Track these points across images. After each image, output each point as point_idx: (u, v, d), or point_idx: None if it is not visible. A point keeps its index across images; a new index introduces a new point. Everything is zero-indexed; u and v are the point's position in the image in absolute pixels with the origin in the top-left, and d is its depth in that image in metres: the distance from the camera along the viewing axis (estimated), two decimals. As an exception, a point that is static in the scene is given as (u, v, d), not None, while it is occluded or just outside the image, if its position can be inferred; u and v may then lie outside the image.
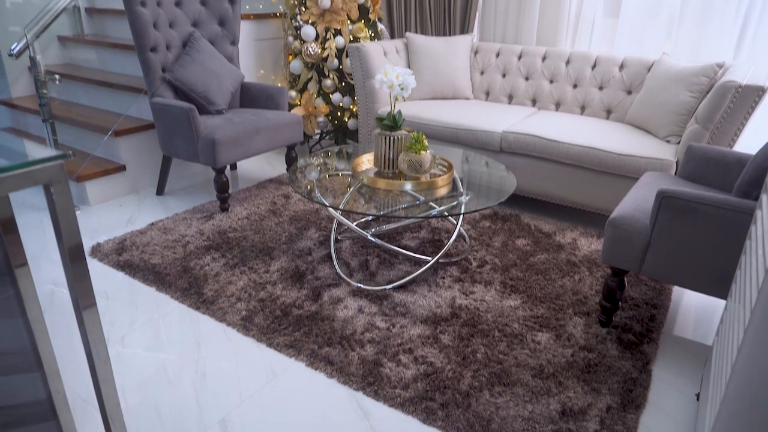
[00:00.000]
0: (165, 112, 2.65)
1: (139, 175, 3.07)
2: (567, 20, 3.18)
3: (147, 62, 2.70)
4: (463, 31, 3.45)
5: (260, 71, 3.64)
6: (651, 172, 2.18)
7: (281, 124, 2.84)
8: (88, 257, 2.32)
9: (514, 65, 3.20)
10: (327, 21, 3.22)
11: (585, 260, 2.30)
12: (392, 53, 3.23)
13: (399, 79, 1.91)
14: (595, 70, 2.99)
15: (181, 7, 2.89)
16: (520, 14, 3.27)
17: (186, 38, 2.89)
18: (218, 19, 2.99)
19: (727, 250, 1.55)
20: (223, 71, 2.89)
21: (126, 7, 2.61)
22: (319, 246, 2.39)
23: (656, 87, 2.66)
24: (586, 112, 3.02)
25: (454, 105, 3.10)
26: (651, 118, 2.65)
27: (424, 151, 1.99)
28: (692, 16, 2.86)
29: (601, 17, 3.14)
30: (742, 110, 2.17)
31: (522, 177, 2.72)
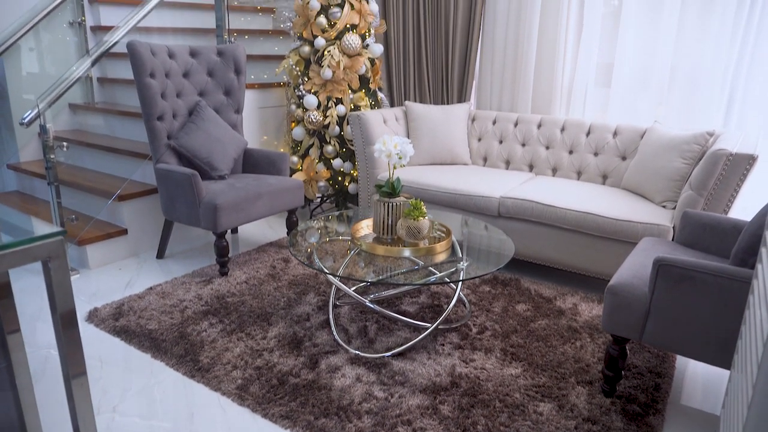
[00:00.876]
0: (168, 178, 2.70)
1: (141, 238, 3.09)
2: (561, 89, 3.29)
3: (153, 130, 2.78)
4: (460, 100, 3.57)
5: (263, 137, 3.74)
6: (648, 238, 2.19)
7: (282, 189, 2.89)
8: (85, 322, 2.29)
9: (511, 132, 3.29)
10: (329, 90, 3.34)
11: (586, 326, 2.28)
12: (392, 121, 3.32)
13: (397, 148, 1.96)
14: (589, 137, 3.06)
15: (188, 78, 3.01)
16: (515, 83, 3.39)
17: (192, 107, 2.99)
18: (224, 89, 3.10)
19: (728, 319, 1.54)
20: (226, 138, 2.97)
21: (136, 78, 2.71)
22: (317, 311, 2.37)
23: (650, 154, 2.72)
24: (582, 177, 3.07)
25: (452, 170, 3.16)
26: (646, 183, 2.69)
27: (422, 218, 2.01)
28: (681, 86, 2.96)
29: (593, 86, 3.25)
30: (735, 177, 2.21)
31: (521, 241, 2.73)
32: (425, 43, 3.56)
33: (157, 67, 2.80)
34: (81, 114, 4.01)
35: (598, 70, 3.21)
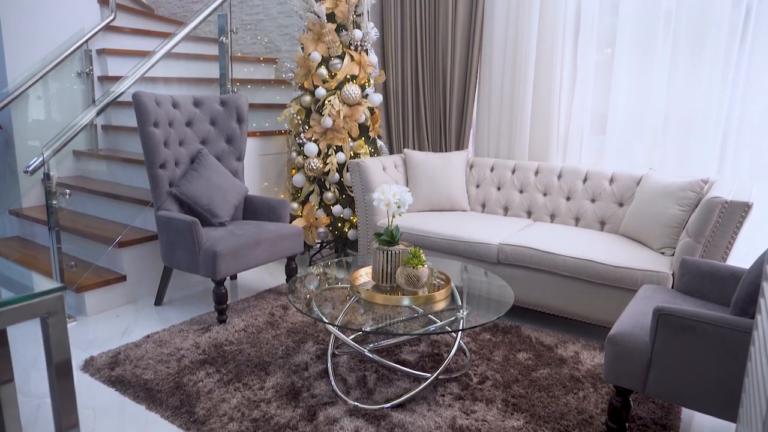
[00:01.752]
0: (169, 225, 2.72)
1: (139, 285, 3.08)
2: (557, 137, 3.36)
3: (155, 178, 2.81)
4: (458, 147, 3.63)
5: (264, 183, 3.78)
6: (648, 285, 2.19)
7: (282, 236, 2.90)
8: (80, 372, 2.26)
9: (509, 179, 3.33)
10: (329, 138, 3.40)
11: (589, 375, 2.24)
12: (391, 168, 3.37)
13: (396, 197, 1.99)
14: (586, 184, 3.10)
15: (191, 127, 3.07)
16: (512, 131, 3.45)
17: (194, 155, 3.04)
18: (226, 137, 3.16)
19: (731, 370, 1.52)
20: (227, 185, 3.00)
21: (140, 128, 2.77)
22: (316, 360, 2.34)
23: (646, 200, 2.75)
24: (580, 223, 3.09)
25: (451, 217, 3.18)
26: (644, 230, 2.71)
27: (421, 266, 2.01)
28: (674, 133, 3.02)
29: (588, 134, 3.31)
30: (731, 225, 2.22)
31: (520, 288, 2.72)
32: (423, 92, 3.65)
33: (161, 117, 2.86)
34: (84, 160, 4.06)
35: (593, 118, 3.28)
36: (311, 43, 3.35)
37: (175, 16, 5.31)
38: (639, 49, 3.05)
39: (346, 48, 3.39)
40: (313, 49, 3.35)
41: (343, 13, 3.30)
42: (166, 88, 4.08)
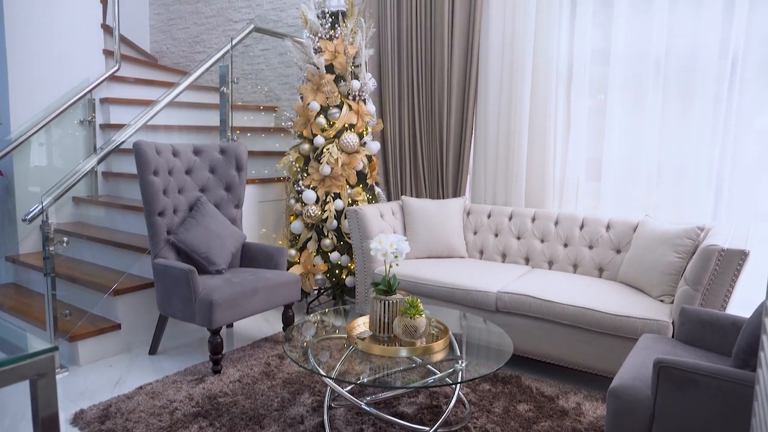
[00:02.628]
0: (166, 273, 2.71)
1: (134, 333, 3.04)
2: (553, 183, 3.39)
3: (153, 226, 2.82)
4: (455, 194, 3.66)
5: (262, 230, 3.79)
6: (648, 335, 2.17)
7: (279, 284, 2.89)
8: (69, 425, 2.20)
9: (506, 225, 3.34)
10: (327, 186, 3.43)
11: (591, 428, 2.19)
12: (388, 215, 3.39)
13: (393, 246, 1.99)
14: (583, 231, 3.11)
15: (191, 175, 3.10)
16: (509, 178, 3.49)
17: (193, 202, 3.05)
18: (225, 185, 3.19)
19: (736, 425, 1.49)
20: (225, 233, 3.01)
21: (140, 176, 2.80)
22: (312, 413, 2.29)
23: (643, 247, 2.75)
24: (578, 270, 3.08)
25: (449, 264, 3.17)
26: (642, 277, 2.70)
27: (419, 316, 2.00)
28: (669, 179, 3.05)
29: (584, 180, 3.35)
30: (729, 273, 2.22)
31: (520, 337, 2.69)
32: (420, 140, 3.70)
33: (161, 165, 2.89)
34: (83, 206, 4.08)
35: (588, 165, 3.32)
36: (310, 93, 3.43)
37: (178, 65, 5.45)
38: (630, 96, 3.12)
39: (344, 98, 3.46)
40: (312, 98, 3.42)
41: (341, 64, 3.39)
42: (167, 136, 4.14)
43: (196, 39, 5.28)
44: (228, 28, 5.01)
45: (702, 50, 2.89)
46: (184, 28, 5.36)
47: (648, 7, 3.05)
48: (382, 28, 3.76)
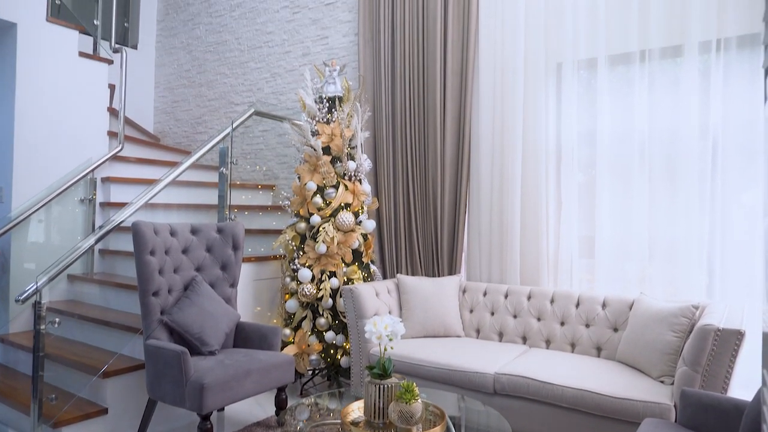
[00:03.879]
0: (157, 355, 2.66)
1: (121, 418, 2.94)
2: (547, 261, 3.42)
3: (147, 306, 2.80)
4: (451, 271, 3.67)
5: (257, 308, 3.76)
6: (651, 419, 2.11)
7: (273, 366, 2.83)
8: None
9: (502, 304, 3.33)
10: (323, 264, 3.45)
11: None
12: (384, 294, 3.38)
13: (387, 329, 1.98)
14: (579, 309, 3.10)
15: (187, 254, 3.12)
16: (503, 255, 3.52)
17: (188, 281, 3.05)
18: (221, 264, 3.20)
19: None
20: (219, 313, 2.99)
21: (136, 256, 2.81)
22: (303, 506, 2.18)
23: (640, 326, 2.74)
24: (576, 349, 3.05)
25: (445, 344, 3.13)
26: (641, 357, 2.67)
27: (415, 401, 1.95)
28: (661, 256, 3.09)
29: (577, 257, 3.38)
30: (726, 353, 2.20)
31: (519, 421, 2.62)
32: (415, 218, 3.77)
33: (158, 245, 2.92)
34: (78, 284, 4.06)
35: (581, 242, 3.37)
36: (307, 174, 3.52)
37: (179, 145, 5.61)
38: (618, 176, 3.22)
39: (340, 178, 3.55)
40: (309, 179, 3.51)
41: (338, 146, 3.51)
42: (166, 214, 4.20)
43: (198, 120, 5.47)
44: (229, 110, 5.21)
45: (683, 132, 3.02)
46: (187, 110, 5.57)
47: (629, 90, 3.21)
48: (377, 112, 3.93)
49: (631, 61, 3.22)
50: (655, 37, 3.09)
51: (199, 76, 5.46)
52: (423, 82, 3.75)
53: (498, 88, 3.54)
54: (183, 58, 5.62)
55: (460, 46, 3.65)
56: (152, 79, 5.90)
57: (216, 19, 5.33)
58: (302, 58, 4.64)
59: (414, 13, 3.79)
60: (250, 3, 5.05)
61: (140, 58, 5.77)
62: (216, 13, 5.33)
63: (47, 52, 4.13)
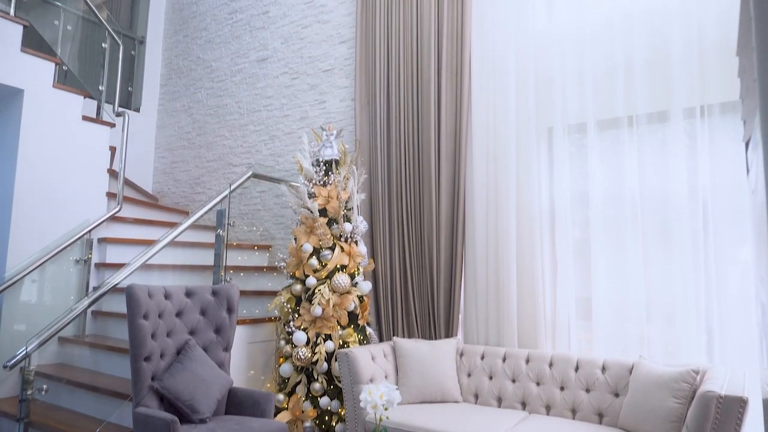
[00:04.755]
0: (146, 423, 2.58)
1: (105, 492, 2.82)
2: (544, 323, 3.39)
3: (138, 372, 2.75)
4: (447, 334, 3.63)
5: (251, 372, 3.68)
6: (655, 493, 2.04)
7: (265, 434, 2.74)
8: None
9: (500, 367, 3.27)
10: (318, 327, 3.41)
11: None
12: (380, 357, 3.33)
13: (383, 398, 1.94)
14: (578, 373, 3.05)
15: (181, 317, 3.08)
16: (500, 317, 3.49)
17: (181, 345, 3.00)
18: (215, 327, 3.16)
19: None
20: (212, 378, 2.92)
21: (129, 320, 2.78)
22: None
23: (641, 391, 2.69)
24: (577, 415, 2.97)
25: (443, 410, 3.05)
26: (644, 424, 2.60)
27: (410, 475, 1.89)
28: (659, 318, 3.07)
29: (575, 319, 3.35)
30: (730, 422, 2.16)
31: (520, 493, 2.51)
32: (411, 279, 3.76)
33: (151, 309, 2.89)
34: (68, 346, 3.99)
35: (578, 304, 3.35)
36: (303, 236, 3.54)
37: (177, 205, 5.65)
38: (612, 237, 3.24)
39: (336, 239, 3.57)
40: (305, 240, 3.52)
41: (334, 209, 3.54)
42: (161, 275, 4.18)
43: (197, 181, 5.54)
44: (228, 171, 5.30)
45: (674, 194, 3.07)
46: (186, 171, 5.65)
47: (619, 153, 3.29)
48: (373, 174, 4.00)
49: (619, 126, 3.31)
50: (641, 103, 3.20)
51: (199, 138, 5.58)
52: (418, 145, 3.84)
53: (491, 150, 3.62)
54: (184, 121, 5.76)
55: (454, 111, 3.77)
56: (153, 141, 6.02)
57: (217, 83, 5.51)
58: (300, 121, 4.76)
59: (409, 79, 3.92)
60: (251, 69, 5.23)
61: (142, 120, 5.91)
62: (217, 78, 5.51)
63: (51, 117, 4.24)
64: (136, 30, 6.12)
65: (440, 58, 3.80)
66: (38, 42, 4.78)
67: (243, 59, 5.32)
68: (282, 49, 4.99)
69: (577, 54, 3.41)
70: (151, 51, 6.06)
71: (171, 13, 6.14)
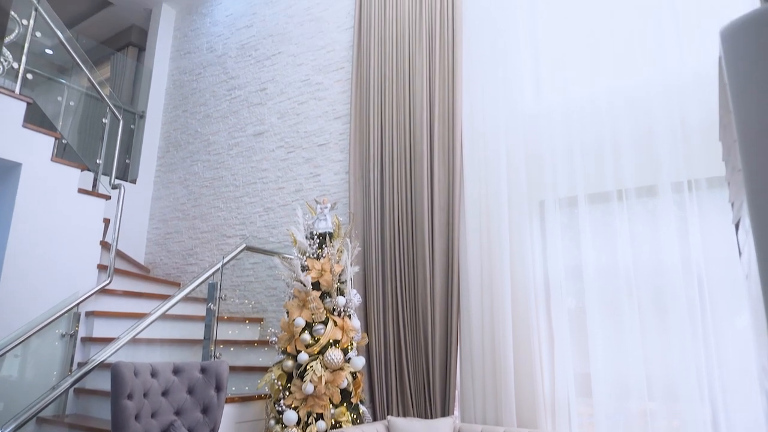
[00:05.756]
0: None
1: None
2: (543, 399, 3.28)
3: (119, 457, 2.61)
4: (444, 411, 3.50)
5: (237, 455, 3.51)
6: None
7: None
8: None
9: (499, 449, 3.14)
10: (309, 405, 3.29)
11: None
12: (374, 438, 3.19)
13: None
14: (580, 455, 2.92)
15: (167, 396, 2.97)
16: (498, 394, 3.38)
17: (166, 427, 2.87)
18: (202, 407, 3.04)
19: None
20: (197, 463, 2.78)
21: (112, 400, 2.67)
22: None
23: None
24: (581, 502, 2.82)
25: (440, 496, 2.89)
26: None
27: None
28: (661, 393, 2.98)
29: (575, 396, 3.25)
30: None
31: None
32: (406, 354, 3.67)
33: (136, 388, 2.79)
34: (47, 428, 3.80)
35: (577, 380, 3.26)
36: (296, 310, 3.49)
37: (169, 276, 5.60)
38: (609, 311, 3.20)
39: (329, 313, 3.51)
40: (297, 315, 3.47)
41: (327, 282, 3.52)
42: (149, 350, 4.07)
43: (189, 252, 5.52)
44: (221, 242, 5.29)
45: (667, 266, 3.07)
46: (180, 242, 5.64)
47: (610, 226, 3.31)
48: (366, 247, 4.00)
49: (609, 199, 3.36)
50: (629, 178, 3.27)
51: (194, 209, 5.61)
52: (411, 218, 3.87)
53: (484, 223, 3.65)
54: (179, 192, 5.81)
55: (446, 185, 3.83)
56: (147, 212, 6.05)
57: (214, 156, 5.61)
58: (295, 193, 4.82)
59: (402, 154, 4.01)
60: (247, 142, 5.35)
61: (138, 192, 5.96)
62: (214, 152, 5.62)
63: (48, 190, 4.27)
64: (137, 105, 6.31)
65: (432, 134, 3.90)
66: (40, 117, 4.89)
67: (240, 133, 5.45)
68: (278, 123, 5.13)
69: (565, 131, 3.51)
70: (150, 124, 6.21)
71: (172, 89, 6.35)
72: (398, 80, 4.19)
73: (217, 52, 5.95)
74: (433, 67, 4.02)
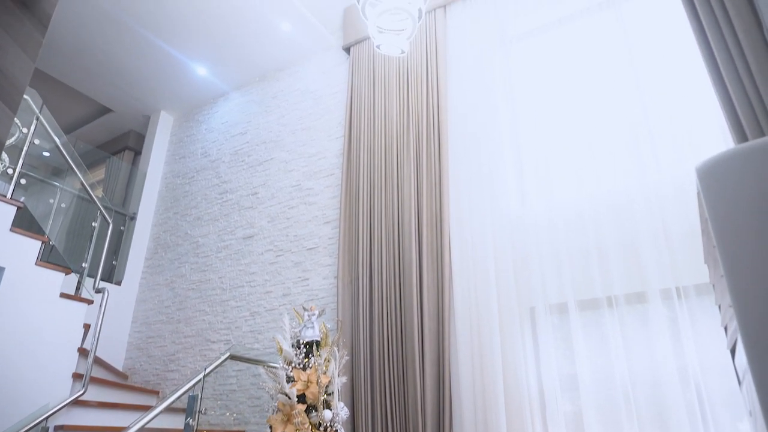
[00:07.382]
0: None
1: None
2: None
3: None
4: None
5: None
6: None
7: None
8: None
9: None
10: None
11: None
12: None
13: None
14: None
15: None
16: None
17: None
18: None
19: None
20: None
21: None
22: None
23: None
24: None
25: None
26: None
27: None
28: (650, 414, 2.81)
29: None
30: None
31: None
32: (396, 473, 3.45)
33: None
34: None
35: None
36: (280, 425, 3.30)
37: (148, 384, 5.34)
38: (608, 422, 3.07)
39: (315, 429, 3.32)
40: (281, 430, 3.27)
41: (313, 394, 3.36)
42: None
43: (171, 357, 5.31)
44: (205, 348, 5.11)
45: (663, 375, 2.99)
46: (162, 347, 5.45)
47: (602, 334, 3.26)
48: (355, 356, 3.88)
49: (599, 306, 3.34)
50: (617, 285, 3.27)
51: (179, 313, 5.48)
52: (401, 325, 3.80)
53: (475, 331, 3.58)
54: (165, 294, 5.71)
55: (436, 291, 3.80)
56: (131, 314, 5.89)
57: (202, 258, 5.58)
58: (282, 298, 4.75)
59: (391, 260, 4.02)
60: (236, 245, 5.35)
61: (122, 293, 5.84)
62: (203, 254, 5.60)
63: (29, 294, 4.17)
64: (129, 206, 6.36)
65: (421, 241, 3.94)
66: (28, 220, 4.89)
67: (230, 236, 5.46)
68: (268, 227, 5.17)
69: (551, 238, 3.56)
70: (140, 226, 6.23)
71: (165, 192, 6.44)
72: (387, 187, 4.29)
73: (211, 156, 6.12)
74: (420, 175, 4.14)
